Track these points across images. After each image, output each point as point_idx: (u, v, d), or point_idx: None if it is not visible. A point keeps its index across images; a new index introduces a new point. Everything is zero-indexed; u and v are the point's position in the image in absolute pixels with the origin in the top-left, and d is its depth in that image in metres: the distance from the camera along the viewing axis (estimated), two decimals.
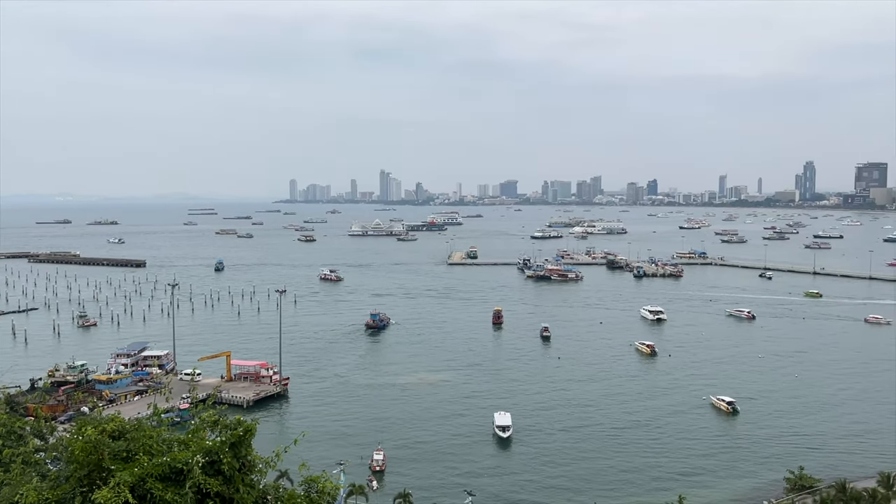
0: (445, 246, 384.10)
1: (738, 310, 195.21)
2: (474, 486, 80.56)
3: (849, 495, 67.36)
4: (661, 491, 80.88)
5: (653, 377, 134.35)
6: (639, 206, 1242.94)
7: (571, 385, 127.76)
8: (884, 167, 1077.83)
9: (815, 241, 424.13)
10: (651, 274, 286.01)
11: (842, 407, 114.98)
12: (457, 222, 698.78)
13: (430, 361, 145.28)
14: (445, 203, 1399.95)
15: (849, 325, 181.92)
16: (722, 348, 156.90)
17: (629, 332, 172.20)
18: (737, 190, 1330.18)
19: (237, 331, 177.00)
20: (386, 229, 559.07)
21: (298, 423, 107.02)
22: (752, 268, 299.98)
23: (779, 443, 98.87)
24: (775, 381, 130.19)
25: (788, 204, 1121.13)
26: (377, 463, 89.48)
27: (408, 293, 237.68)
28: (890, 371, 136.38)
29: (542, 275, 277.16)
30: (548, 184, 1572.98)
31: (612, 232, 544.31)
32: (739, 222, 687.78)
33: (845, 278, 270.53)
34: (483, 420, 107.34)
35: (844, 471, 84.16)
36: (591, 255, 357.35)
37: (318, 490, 13.29)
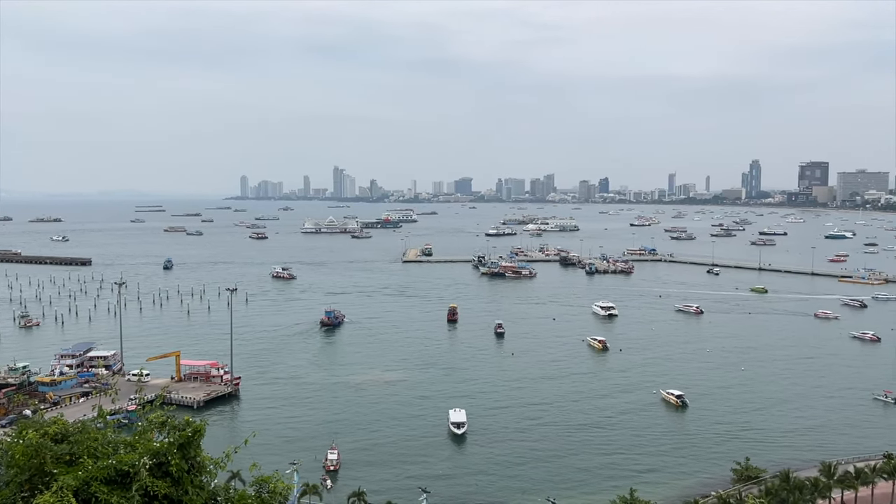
0: (400, 243, 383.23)
1: (687, 305, 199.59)
2: (429, 484, 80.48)
3: (792, 485, 69.49)
4: (613, 485, 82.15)
5: (605, 372, 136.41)
6: (591, 203, 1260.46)
7: (525, 381, 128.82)
8: (825, 166, 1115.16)
9: (760, 237, 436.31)
10: (603, 270, 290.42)
11: (786, 400, 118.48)
12: (412, 219, 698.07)
13: (385, 359, 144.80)
14: (400, 200, 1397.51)
15: (798, 320, 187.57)
16: (671, 343, 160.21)
17: (581, 327, 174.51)
18: (686, 188, 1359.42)
19: (187, 330, 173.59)
20: (340, 227, 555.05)
21: (250, 423, 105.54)
22: (700, 264, 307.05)
23: (726, 435, 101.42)
24: (722, 374, 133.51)
25: (735, 201, 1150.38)
26: (331, 462, 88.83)
27: (362, 291, 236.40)
28: (833, 364, 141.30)
29: (496, 272, 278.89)
30: (502, 181, 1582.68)
31: (565, 229, 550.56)
32: (688, 219, 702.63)
33: (789, 274, 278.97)
34: (438, 418, 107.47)
35: (788, 461, 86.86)
36: (545, 252, 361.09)
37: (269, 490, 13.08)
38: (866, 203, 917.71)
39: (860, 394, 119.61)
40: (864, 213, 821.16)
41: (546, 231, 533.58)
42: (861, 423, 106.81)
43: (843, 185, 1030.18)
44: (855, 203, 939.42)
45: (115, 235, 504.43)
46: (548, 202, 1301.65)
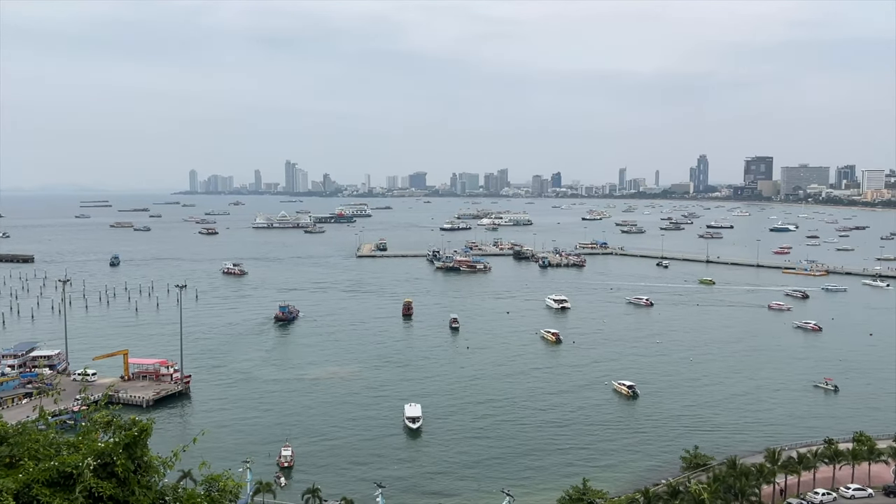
0: (354, 238, 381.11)
1: (637, 297, 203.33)
2: (384, 478, 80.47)
3: (739, 471, 71.48)
4: (567, 476, 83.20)
5: (558, 364, 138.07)
6: (544, 198, 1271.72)
7: (480, 374, 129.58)
8: (770, 161, 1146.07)
9: (708, 230, 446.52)
10: (556, 264, 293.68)
11: (733, 389, 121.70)
12: (366, 214, 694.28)
13: (340, 355, 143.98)
14: (354, 195, 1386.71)
15: (745, 311, 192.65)
16: (623, 335, 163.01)
17: (535, 320, 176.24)
18: (636, 182, 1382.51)
19: (135, 328, 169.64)
20: (292, 221, 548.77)
21: (202, 421, 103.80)
22: (650, 257, 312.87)
23: (676, 424, 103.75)
24: (672, 365, 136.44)
25: (684, 195, 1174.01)
26: (285, 459, 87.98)
27: (316, 287, 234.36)
28: (777, 354, 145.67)
29: (451, 266, 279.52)
30: (456, 176, 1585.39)
31: (519, 223, 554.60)
32: (638, 213, 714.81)
33: (736, 266, 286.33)
34: (393, 412, 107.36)
35: (735, 449, 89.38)
36: (499, 246, 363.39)
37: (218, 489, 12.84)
38: (808, 197, 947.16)
39: (802, 382, 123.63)
40: (806, 206, 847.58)
41: (500, 225, 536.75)
42: (803, 410, 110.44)
43: (787, 180, 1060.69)
44: (798, 197, 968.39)
45: (58, 231, 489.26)
46: (502, 197, 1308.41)
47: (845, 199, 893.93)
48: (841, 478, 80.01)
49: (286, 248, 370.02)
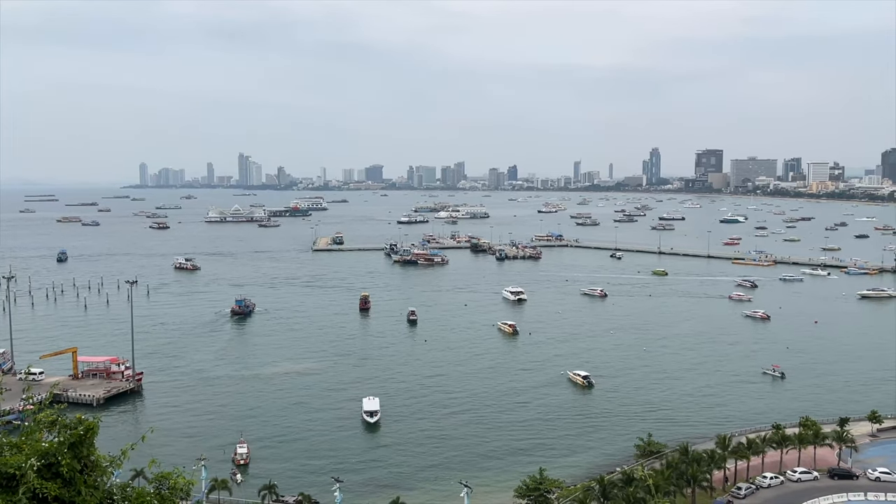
0: (310, 232, 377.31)
1: (592, 289, 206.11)
2: (342, 473, 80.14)
3: (691, 457, 73.14)
4: (524, 466, 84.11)
5: (515, 355, 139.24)
6: (500, 190, 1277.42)
7: (438, 367, 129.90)
8: (720, 154, 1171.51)
9: (660, 222, 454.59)
10: (512, 256, 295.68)
11: (685, 377, 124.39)
12: (321, 207, 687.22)
13: (297, 350, 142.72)
14: (309, 188, 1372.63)
15: (696, 301, 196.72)
16: (578, 326, 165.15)
17: (492, 312, 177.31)
18: (590, 175, 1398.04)
19: (84, 325, 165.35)
20: (246, 215, 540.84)
21: (155, 419, 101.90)
22: (604, 249, 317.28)
23: (630, 413, 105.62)
24: (626, 355, 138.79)
25: (636, 188, 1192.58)
26: (241, 456, 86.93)
27: (272, 282, 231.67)
28: (727, 342, 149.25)
29: (408, 259, 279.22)
30: (413, 169, 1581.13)
31: (476, 216, 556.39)
32: (593, 206, 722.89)
33: (687, 257, 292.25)
34: (351, 406, 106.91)
35: (687, 436, 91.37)
36: (456, 239, 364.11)
37: (169, 487, 12.59)
38: (757, 189, 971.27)
39: (752, 369, 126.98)
40: (755, 198, 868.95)
41: (457, 218, 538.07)
42: (752, 396, 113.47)
43: (736, 172, 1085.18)
44: (747, 189, 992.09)
45: (2, 227, 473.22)
46: (459, 190, 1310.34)
47: (792, 191, 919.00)
48: (788, 461, 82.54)
49: (240, 242, 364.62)
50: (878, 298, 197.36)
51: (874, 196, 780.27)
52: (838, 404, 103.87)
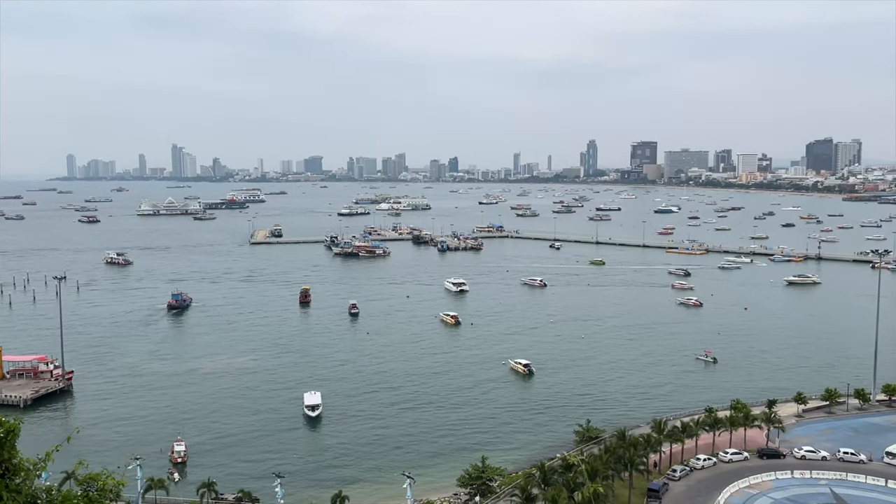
0: (248, 224, 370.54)
1: (532, 279, 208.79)
2: (284, 469, 79.24)
3: (628, 442, 74.98)
4: (466, 455, 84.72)
5: (457, 346, 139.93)
6: (442, 182, 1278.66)
7: (381, 359, 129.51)
8: (654, 146, 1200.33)
9: (597, 213, 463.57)
10: (454, 248, 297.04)
11: (622, 364, 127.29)
12: (259, 200, 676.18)
13: (235, 345, 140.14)
14: (246, 180, 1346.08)
15: (632, 289, 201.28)
16: (518, 315, 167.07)
17: (435, 304, 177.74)
18: (530, 167, 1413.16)
19: (9, 323, 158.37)
20: (180, 208, 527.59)
21: (86, 419, 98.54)
22: (543, 239, 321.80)
23: (569, 400, 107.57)
24: (565, 343, 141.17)
25: (574, 179, 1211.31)
26: (178, 454, 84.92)
27: (208, 276, 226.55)
28: (662, 329, 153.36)
29: (349, 252, 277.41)
30: (353, 160, 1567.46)
31: (417, 208, 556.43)
32: (532, 197, 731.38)
33: (623, 246, 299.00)
34: (292, 402, 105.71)
35: (624, 421, 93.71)
36: (398, 230, 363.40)
37: (98, 488, 12.19)
38: (689, 180, 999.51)
39: (685, 355, 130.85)
40: (688, 188, 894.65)
41: (399, 210, 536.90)
42: (686, 381, 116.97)
43: (670, 164, 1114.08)
44: (680, 180, 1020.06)
45: None
46: (400, 181, 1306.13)
47: (723, 181, 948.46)
48: (720, 443, 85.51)
49: (174, 235, 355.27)
50: (804, 284, 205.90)
51: (799, 186, 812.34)
52: (767, 387, 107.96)
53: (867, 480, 74.25)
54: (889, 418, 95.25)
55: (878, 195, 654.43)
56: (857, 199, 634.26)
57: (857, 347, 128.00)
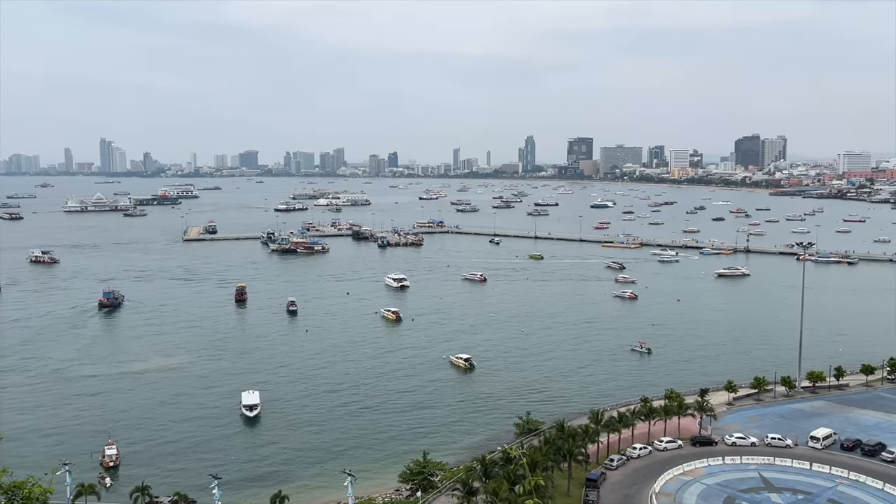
0: (181, 221, 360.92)
1: (473, 274, 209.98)
2: (221, 470, 77.57)
3: (567, 433, 76.13)
4: (408, 450, 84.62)
5: (398, 342, 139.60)
6: (381, 177, 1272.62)
7: (320, 357, 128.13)
8: (590, 142, 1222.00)
9: (535, 208, 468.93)
10: (394, 243, 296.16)
11: (561, 356, 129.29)
12: (192, 195, 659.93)
13: (169, 345, 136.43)
14: (179, 175, 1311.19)
15: (570, 283, 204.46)
16: (459, 310, 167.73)
17: (375, 300, 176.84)
18: (469, 162, 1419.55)
19: None
20: (110, 204, 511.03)
21: (10, 425, 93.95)
22: (483, 234, 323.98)
23: (510, 393, 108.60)
24: (506, 337, 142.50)
25: (513, 175, 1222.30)
26: (109, 458, 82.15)
27: (140, 274, 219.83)
28: (599, 321, 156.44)
29: (287, 248, 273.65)
30: (290, 155, 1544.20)
31: (357, 203, 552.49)
32: (472, 193, 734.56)
33: (561, 241, 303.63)
34: (229, 402, 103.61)
35: (563, 412, 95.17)
36: (337, 226, 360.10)
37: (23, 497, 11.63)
38: (624, 175, 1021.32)
39: (621, 346, 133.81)
40: (622, 184, 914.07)
41: (339, 205, 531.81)
42: (622, 372, 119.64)
43: (605, 159, 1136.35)
44: (615, 175, 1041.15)
45: None
46: (339, 176, 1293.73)
47: (656, 177, 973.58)
48: (655, 432, 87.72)
49: (104, 233, 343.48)
50: (733, 276, 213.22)
51: (729, 181, 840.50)
52: (699, 376, 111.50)
53: (793, 464, 77.42)
54: (813, 404, 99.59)
55: (802, 190, 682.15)
56: (782, 194, 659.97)
57: (784, 337, 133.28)
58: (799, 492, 71.09)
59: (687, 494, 71.13)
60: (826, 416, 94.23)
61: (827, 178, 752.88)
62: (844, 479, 73.58)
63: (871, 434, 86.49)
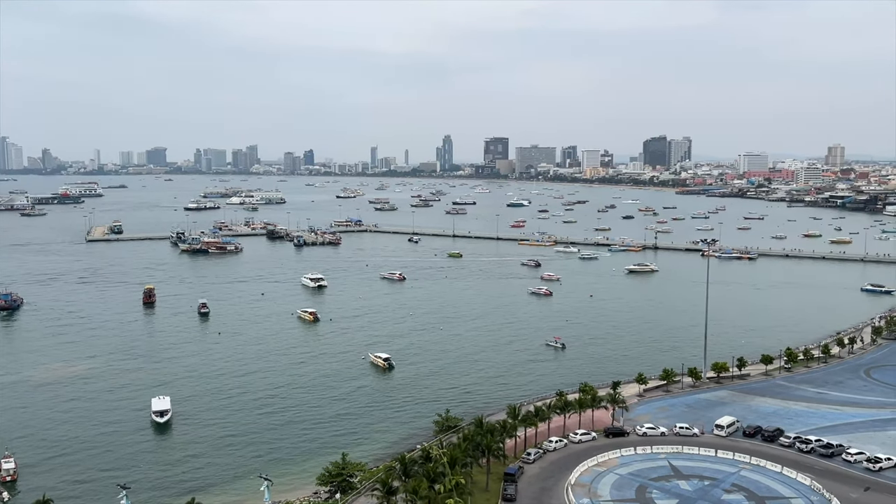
0: (84, 221, 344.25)
1: (391, 273, 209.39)
2: (130, 479, 74.49)
3: (485, 429, 77.02)
4: (326, 452, 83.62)
5: (316, 343, 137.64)
6: (297, 175, 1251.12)
7: (234, 359, 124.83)
8: (506, 141, 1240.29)
9: (453, 207, 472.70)
10: (311, 242, 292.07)
11: (479, 354, 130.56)
12: (96, 194, 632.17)
13: (72, 350, 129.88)
14: (81, 172, 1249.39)
15: (487, 281, 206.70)
16: (378, 309, 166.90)
17: (291, 301, 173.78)
18: (387, 161, 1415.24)
19: None
20: (5, 203, 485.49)
21: None
22: (402, 233, 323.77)
23: (429, 391, 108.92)
24: (425, 335, 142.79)
25: (431, 174, 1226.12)
26: (6, 472, 77.55)
27: (40, 277, 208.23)
28: (515, 318, 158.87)
29: (198, 248, 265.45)
30: (201, 152, 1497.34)
31: (272, 202, 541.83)
32: (390, 191, 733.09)
33: (479, 239, 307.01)
34: (139, 408, 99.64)
35: (482, 408, 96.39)
36: (251, 225, 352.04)
37: None
38: (539, 174, 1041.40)
39: (537, 342, 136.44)
40: (537, 183, 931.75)
41: (254, 204, 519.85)
42: (538, 367, 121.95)
43: (521, 159, 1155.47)
44: (530, 175, 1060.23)
45: None
46: (252, 174, 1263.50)
47: (569, 176, 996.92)
48: (570, 425, 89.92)
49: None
50: (643, 272, 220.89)
51: (638, 181, 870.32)
52: (611, 369, 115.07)
53: (700, 452, 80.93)
54: (717, 394, 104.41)
55: (706, 189, 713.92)
56: (688, 193, 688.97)
57: (690, 330, 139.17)
58: (705, 478, 74.35)
59: (601, 485, 73.21)
60: (729, 404, 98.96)
61: (729, 178, 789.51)
62: (746, 464, 77.51)
63: (771, 420, 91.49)
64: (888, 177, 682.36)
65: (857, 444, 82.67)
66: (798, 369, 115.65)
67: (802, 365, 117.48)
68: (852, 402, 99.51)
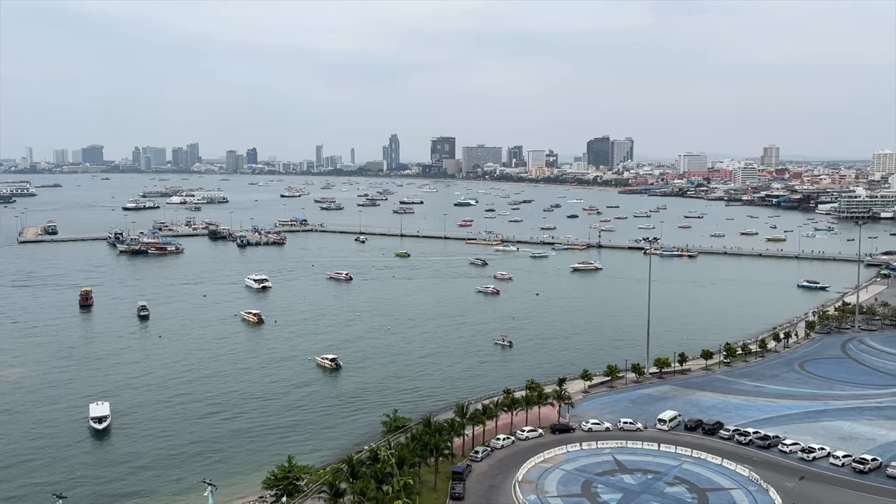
0: (15, 221, 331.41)
1: (338, 272, 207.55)
2: (66, 488, 71.93)
3: (433, 428, 76.97)
4: (272, 456, 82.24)
5: (260, 345, 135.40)
6: (240, 174, 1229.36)
7: (176, 363, 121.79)
8: (453, 141, 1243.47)
9: (401, 206, 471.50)
10: (255, 242, 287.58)
11: (427, 353, 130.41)
12: (29, 193, 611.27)
13: (4, 356, 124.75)
14: (13, 171, 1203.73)
15: (435, 281, 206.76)
16: (325, 310, 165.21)
17: (235, 302, 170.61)
18: (333, 159, 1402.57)
19: None
20: None
21: None
22: (349, 232, 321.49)
23: (376, 391, 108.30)
24: (372, 336, 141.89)
25: (378, 173, 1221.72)
26: None
27: None
28: (463, 317, 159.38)
29: (137, 249, 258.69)
30: (139, 150, 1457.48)
31: (213, 201, 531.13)
32: (336, 190, 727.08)
33: (426, 238, 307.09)
34: (75, 415, 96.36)
35: (430, 408, 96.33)
36: (192, 225, 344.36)
37: None
38: (486, 174, 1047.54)
39: (484, 340, 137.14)
40: (484, 182, 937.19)
41: (195, 203, 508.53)
42: (486, 365, 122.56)
43: (468, 158, 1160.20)
44: (477, 174, 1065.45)
45: None
46: (193, 173, 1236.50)
47: (515, 176, 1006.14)
48: (518, 422, 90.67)
49: None
50: (587, 270, 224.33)
51: (582, 180, 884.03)
52: (557, 366, 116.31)
53: (643, 446, 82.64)
54: (660, 388, 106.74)
55: (648, 188, 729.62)
56: (630, 192, 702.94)
57: (634, 326, 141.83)
58: (649, 472, 75.92)
59: (548, 481, 74.01)
60: (671, 399, 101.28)
61: (670, 178, 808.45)
62: (688, 457, 79.46)
63: (711, 414, 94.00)
64: (820, 177, 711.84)
65: (792, 435, 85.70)
66: (736, 363, 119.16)
67: (741, 359, 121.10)
68: (788, 394, 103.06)
